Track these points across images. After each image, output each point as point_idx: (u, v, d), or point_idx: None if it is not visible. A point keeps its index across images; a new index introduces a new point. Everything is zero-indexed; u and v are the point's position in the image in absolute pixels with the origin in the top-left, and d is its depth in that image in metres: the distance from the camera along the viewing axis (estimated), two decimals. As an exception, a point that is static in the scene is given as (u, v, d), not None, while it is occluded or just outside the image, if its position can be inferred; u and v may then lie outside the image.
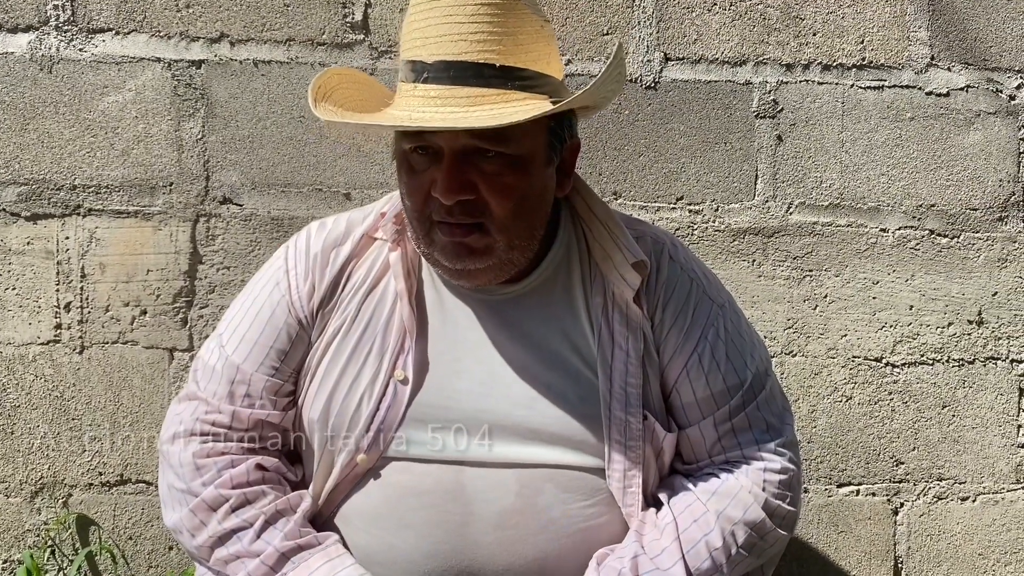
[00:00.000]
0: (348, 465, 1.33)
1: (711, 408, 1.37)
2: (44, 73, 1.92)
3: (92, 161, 1.94)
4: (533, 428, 1.32)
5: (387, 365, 1.33)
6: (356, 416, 1.32)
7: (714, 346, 1.38)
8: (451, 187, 1.22)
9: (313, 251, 1.39)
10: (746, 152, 2.02)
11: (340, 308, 1.36)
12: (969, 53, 2.05)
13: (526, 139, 1.25)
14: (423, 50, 1.23)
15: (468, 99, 1.21)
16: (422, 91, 1.23)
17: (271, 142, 1.96)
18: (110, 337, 1.96)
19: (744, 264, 2.03)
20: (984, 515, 2.10)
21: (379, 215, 1.40)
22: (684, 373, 1.37)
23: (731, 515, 1.32)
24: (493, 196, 1.24)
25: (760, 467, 1.36)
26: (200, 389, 1.38)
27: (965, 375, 2.09)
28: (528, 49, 1.25)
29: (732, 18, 2.00)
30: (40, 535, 1.98)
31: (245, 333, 1.38)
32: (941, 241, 2.07)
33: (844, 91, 2.03)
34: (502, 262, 1.30)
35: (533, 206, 1.30)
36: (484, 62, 1.21)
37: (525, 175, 1.27)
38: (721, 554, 1.30)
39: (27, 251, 1.94)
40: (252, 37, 1.94)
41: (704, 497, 1.33)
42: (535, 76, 1.26)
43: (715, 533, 1.31)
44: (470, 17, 1.21)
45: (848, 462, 2.08)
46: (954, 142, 2.05)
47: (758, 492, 1.34)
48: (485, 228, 1.26)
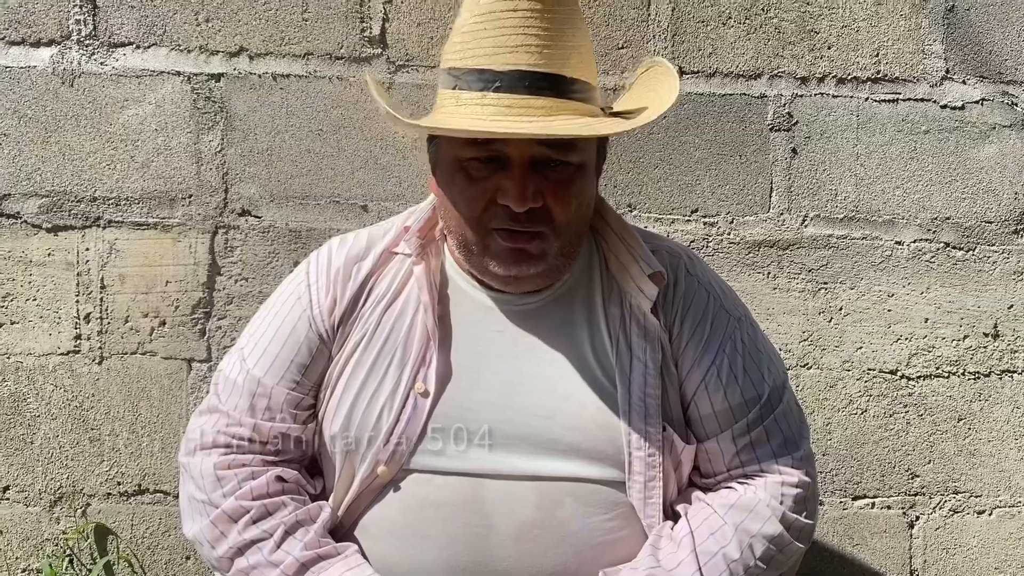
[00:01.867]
0: (369, 476, 1.34)
1: (729, 421, 1.38)
2: (66, 87, 1.94)
3: (112, 173, 1.96)
4: (552, 439, 1.32)
5: (408, 377, 1.34)
6: (377, 428, 1.33)
7: (732, 359, 1.39)
8: (524, 195, 1.25)
9: (335, 266, 1.40)
10: (761, 165, 2.03)
11: (361, 321, 1.37)
12: (984, 66, 2.05)
13: (586, 149, 1.31)
14: (493, 59, 1.25)
15: (544, 109, 1.24)
16: (492, 99, 1.24)
17: (289, 155, 1.97)
18: (129, 348, 1.98)
19: (759, 277, 2.04)
20: (1001, 529, 2.09)
21: (402, 229, 1.41)
22: (702, 386, 1.38)
23: (749, 528, 1.32)
24: (557, 204, 1.28)
25: (777, 480, 1.36)
26: (221, 402, 1.39)
27: (981, 388, 2.08)
28: (589, 62, 1.31)
29: (747, 32, 2.01)
30: (59, 544, 1.99)
31: (267, 347, 1.39)
32: (956, 254, 2.06)
33: (859, 104, 2.03)
34: (551, 268, 1.33)
35: (585, 213, 1.35)
36: (558, 74, 1.25)
37: (585, 185, 1.32)
38: (739, 566, 1.30)
39: (48, 262, 1.96)
40: (271, 51, 1.96)
41: (722, 510, 1.34)
42: (588, 87, 1.30)
43: (733, 546, 1.31)
44: (544, 27, 1.24)
45: (863, 475, 2.07)
46: (969, 155, 2.05)
47: (776, 505, 1.34)
48: (544, 235, 1.29)
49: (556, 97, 1.25)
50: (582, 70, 1.28)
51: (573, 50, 1.27)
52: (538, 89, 1.24)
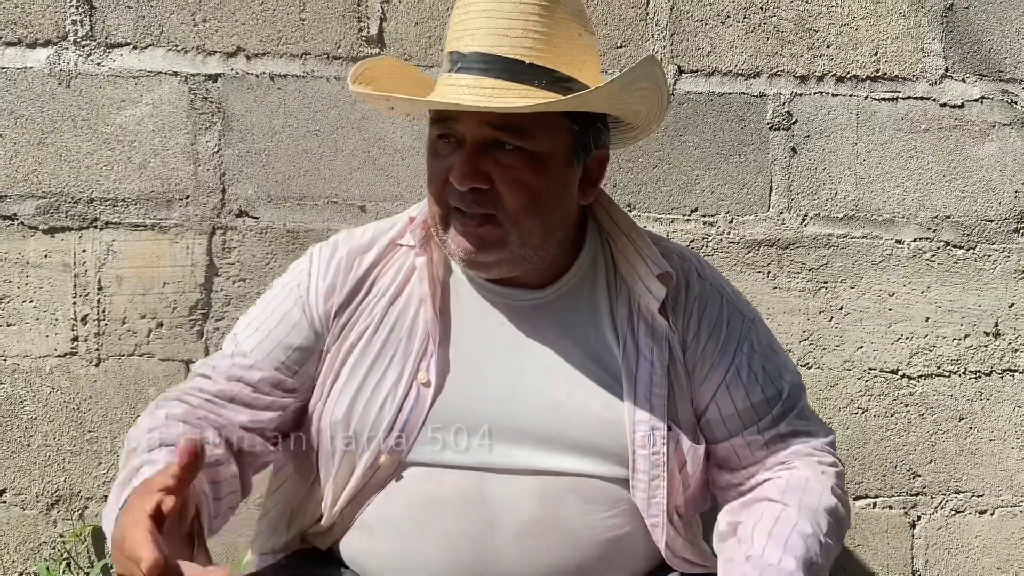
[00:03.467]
0: (370, 467, 1.33)
1: (752, 418, 1.39)
2: (62, 88, 1.94)
3: (109, 174, 1.95)
4: (556, 435, 1.32)
5: (411, 368, 1.34)
6: (379, 418, 1.33)
7: (750, 358, 1.40)
8: (466, 173, 1.26)
9: (338, 256, 1.40)
10: (760, 164, 2.03)
11: (365, 312, 1.37)
12: (983, 64, 2.05)
13: (546, 137, 1.28)
14: (461, 42, 1.28)
15: (494, 90, 1.25)
16: (454, 80, 1.28)
17: (287, 155, 1.97)
18: (126, 349, 1.97)
19: (759, 276, 2.03)
20: (1003, 528, 2.09)
21: (408, 220, 1.42)
22: (723, 386, 1.38)
23: (810, 503, 1.32)
24: (506, 188, 1.27)
25: (815, 460, 1.38)
26: (204, 366, 1.40)
27: (982, 387, 2.08)
28: (561, 52, 1.28)
29: (746, 31, 2.01)
30: (56, 547, 1.98)
31: (260, 326, 1.40)
32: (957, 253, 2.06)
33: (858, 103, 2.03)
34: (515, 256, 1.31)
35: (549, 206, 1.31)
36: (514, 57, 1.25)
37: (541, 173, 1.29)
38: (814, 541, 1.28)
39: (45, 264, 1.95)
40: (268, 51, 1.96)
41: (777, 495, 1.33)
42: (565, 79, 1.28)
43: (804, 523, 1.29)
44: (507, 15, 1.26)
45: (865, 475, 2.07)
46: (969, 153, 2.05)
47: (824, 479, 1.35)
48: (498, 220, 1.29)
49: (511, 80, 1.25)
50: (552, 59, 1.27)
51: (542, 38, 1.26)
52: (493, 71, 1.25)
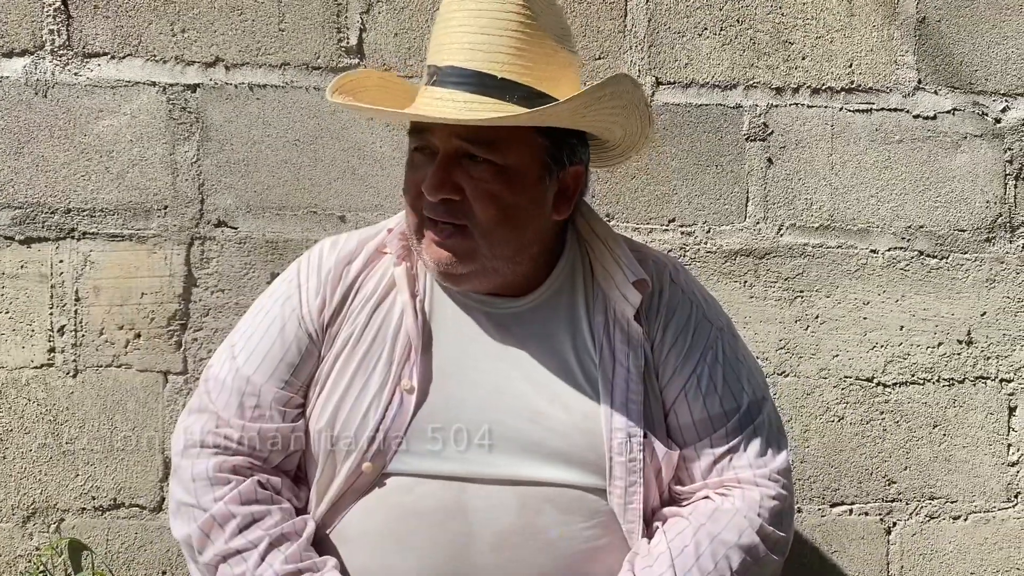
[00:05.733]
0: (352, 474, 1.34)
1: (707, 431, 1.38)
2: (39, 97, 1.92)
3: (87, 185, 1.94)
4: (535, 442, 1.33)
5: (394, 375, 1.35)
6: (363, 424, 1.33)
7: (712, 369, 1.40)
8: (436, 184, 1.28)
9: (326, 267, 1.41)
10: (737, 175, 2.04)
11: (349, 320, 1.38)
12: (955, 77, 2.08)
13: (515, 151, 1.30)
14: (439, 56, 1.31)
15: (466, 103, 1.26)
16: (430, 92, 1.30)
17: (266, 165, 1.96)
18: (104, 360, 1.95)
19: (736, 285, 2.05)
20: (976, 534, 2.11)
21: (387, 231, 1.43)
22: (682, 394, 1.38)
23: (726, 539, 1.32)
24: (477, 200, 1.29)
25: (755, 492, 1.36)
26: (211, 401, 1.39)
27: (955, 395, 2.10)
28: (535, 68, 1.30)
29: (722, 43, 2.03)
30: (32, 561, 1.96)
31: (256, 346, 1.39)
32: (930, 262, 2.09)
33: (833, 114, 2.06)
34: (486, 269, 1.33)
35: (520, 220, 1.33)
36: (486, 71, 1.27)
37: (512, 187, 1.30)
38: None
39: (21, 275, 1.94)
40: (247, 61, 1.95)
41: (697, 522, 1.34)
42: (537, 95, 1.29)
43: (707, 557, 1.31)
44: (482, 29, 1.28)
45: (841, 482, 2.09)
46: (941, 164, 2.08)
47: (753, 517, 1.34)
48: (468, 232, 1.30)
49: (482, 95, 1.27)
50: (524, 74, 1.29)
51: (517, 54, 1.28)
52: (466, 84, 1.27)
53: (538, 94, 1.29)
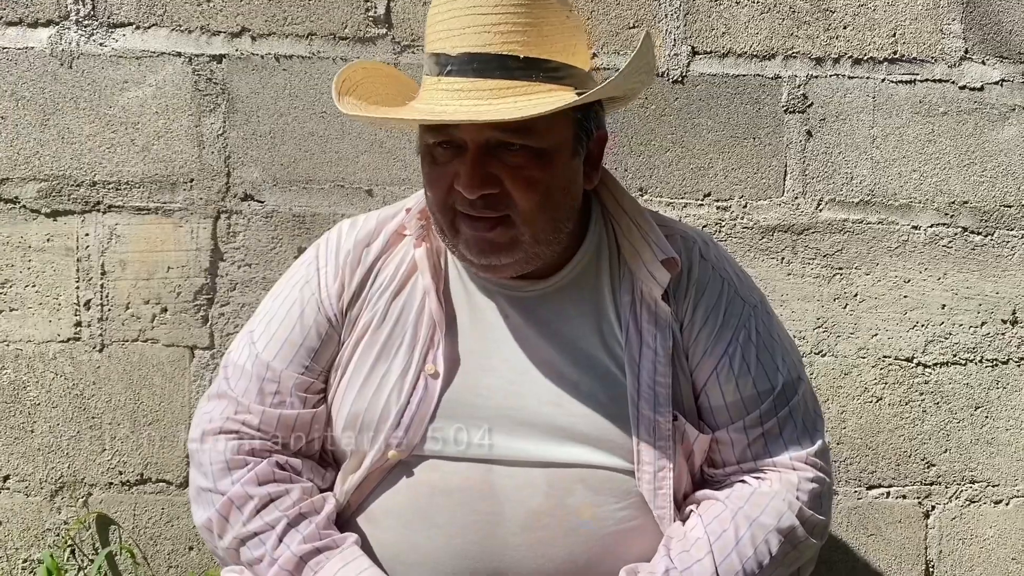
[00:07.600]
0: (379, 460, 1.31)
1: (741, 413, 1.34)
2: (64, 68, 1.90)
3: (112, 157, 1.92)
4: (562, 426, 1.30)
5: (417, 359, 1.32)
6: (386, 410, 1.31)
7: (745, 348, 1.35)
8: (474, 182, 1.22)
9: (344, 249, 1.38)
10: (775, 148, 1.99)
11: (370, 304, 1.35)
12: (1004, 47, 2.00)
13: (551, 131, 1.24)
14: (447, 43, 1.23)
15: (491, 92, 1.21)
16: (445, 84, 1.23)
17: (292, 138, 1.93)
18: (130, 335, 1.94)
19: (773, 262, 2.00)
20: (1018, 519, 2.06)
21: (405, 211, 1.39)
22: (714, 375, 1.34)
23: (764, 523, 1.29)
24: (518, 189, 1.24)
25: (792, 475, 1.33)
26: (230, 388, 1.37)
27: (999, 375, 2.04)
28: (553, 40, 1.24)
29: (761, 11, 1.97)
30: (60, 535, 1.96)
31: (276, 331, 1.37)
32: (974, 239, 2.02)
33: (875, 85, 1.99)
34: (528, 256, 1.28)
35: (559, 199, 1.28)
36: (508, 54, 1.21)
37: (550, 168, 1.25)
38: (753, 563, 1.27)
39: (47, 248, 1.93)
40: (273, 31, 1.92)
41: (735, 505, 1.30)
42: (560, 67, 1.25)
43: (746, 541, 1.27)
44: (493, 8, 1.21)
45: (878, 464, 2.04)
46: (988, 137, 2.01)
47: (792, 500, 1.31)
48: (511, 221, 1.25)
49: (507, 79, 1.21)
50: (545, 49, 1.23)
51: (532, 28, 1.22)
52: (487, 71, 1.21)
53: (561, 66, 1.25)
